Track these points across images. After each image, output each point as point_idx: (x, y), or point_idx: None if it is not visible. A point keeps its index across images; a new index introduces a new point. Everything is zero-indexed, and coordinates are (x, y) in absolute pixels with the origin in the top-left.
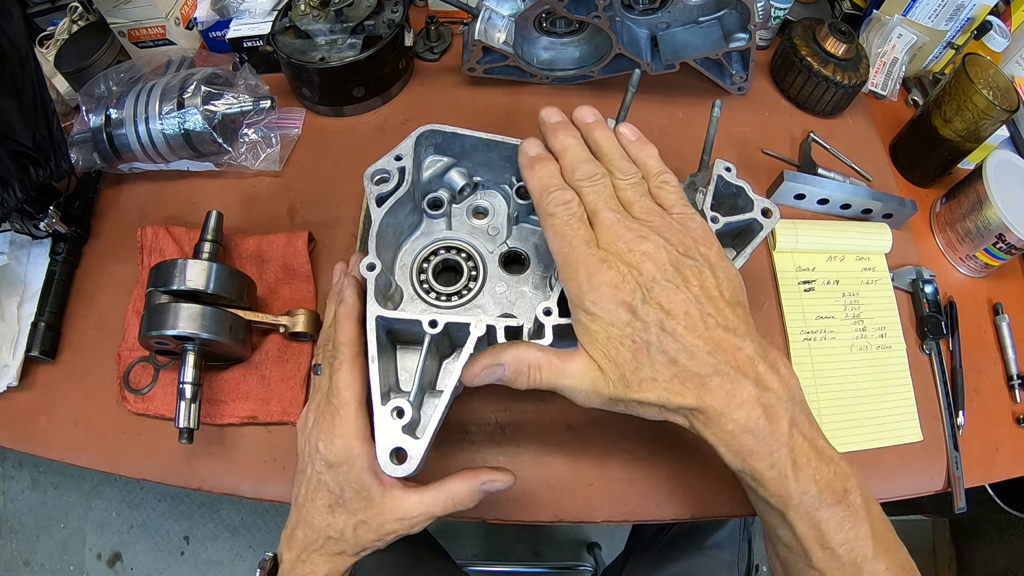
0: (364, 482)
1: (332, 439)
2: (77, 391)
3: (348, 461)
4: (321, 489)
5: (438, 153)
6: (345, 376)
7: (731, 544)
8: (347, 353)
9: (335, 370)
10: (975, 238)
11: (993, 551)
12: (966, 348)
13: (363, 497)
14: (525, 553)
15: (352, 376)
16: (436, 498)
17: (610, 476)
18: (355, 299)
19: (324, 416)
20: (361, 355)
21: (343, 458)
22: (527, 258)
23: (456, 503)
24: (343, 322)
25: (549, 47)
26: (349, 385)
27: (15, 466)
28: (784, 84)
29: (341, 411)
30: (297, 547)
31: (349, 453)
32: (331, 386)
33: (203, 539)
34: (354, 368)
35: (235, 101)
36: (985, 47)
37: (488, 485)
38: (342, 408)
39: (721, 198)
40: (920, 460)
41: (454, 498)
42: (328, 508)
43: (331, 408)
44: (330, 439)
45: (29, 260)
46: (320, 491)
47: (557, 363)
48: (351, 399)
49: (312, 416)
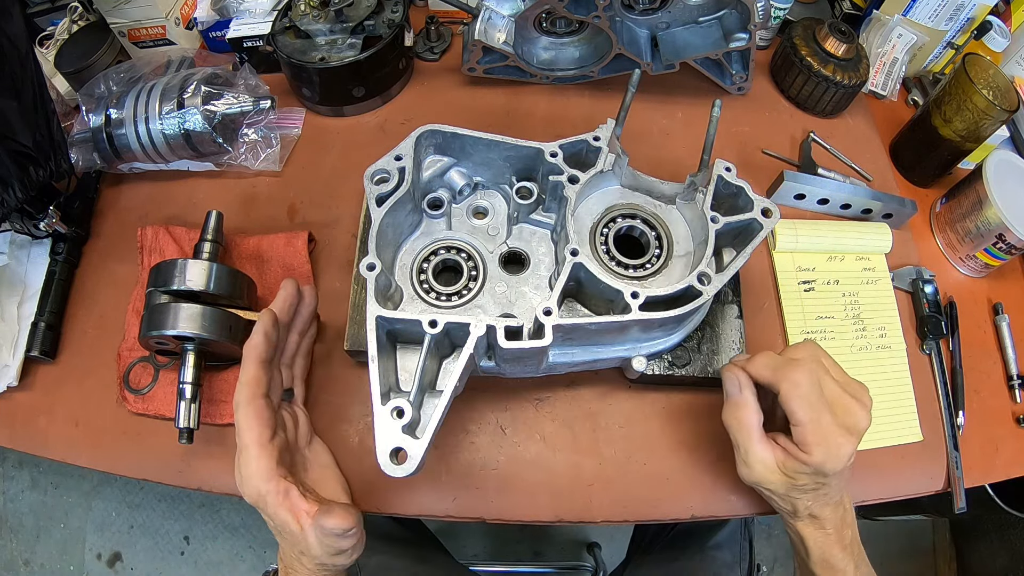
0: (280, 519)
1: (243, 481)
2: (77, 391)
3: (262, 501)
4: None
5: (438, 153)
6: (243, 420)
7: (732, 544)
8: (244, 394)
9: (235, 410)
10: (975, 238)
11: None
12: (966, 348)
13: (289, 532)
14: (525, 553)
15: (248, 419)
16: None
17: (610, 476)
18: (258, 336)
19: (237, 457)
20: (260, 396)
21: (255, 499)
22: (527, 258)
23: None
24: (245, 360)
25: (549, 47)
26: (246, 428)
27: (15, 466)
28: (784, 84)
29: (242, 455)
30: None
31: (259, 493)
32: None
33: (203, 539)
34: (249, 410)
35: (235, 101)
36: (985, 47)
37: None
38: (243, 451)
39: (721, 198)
40: (920, 460)
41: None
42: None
43: (239, 449)
44: (241, 481)
45: (29, 260)
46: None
47: (757, 441)
48: (250, 443)
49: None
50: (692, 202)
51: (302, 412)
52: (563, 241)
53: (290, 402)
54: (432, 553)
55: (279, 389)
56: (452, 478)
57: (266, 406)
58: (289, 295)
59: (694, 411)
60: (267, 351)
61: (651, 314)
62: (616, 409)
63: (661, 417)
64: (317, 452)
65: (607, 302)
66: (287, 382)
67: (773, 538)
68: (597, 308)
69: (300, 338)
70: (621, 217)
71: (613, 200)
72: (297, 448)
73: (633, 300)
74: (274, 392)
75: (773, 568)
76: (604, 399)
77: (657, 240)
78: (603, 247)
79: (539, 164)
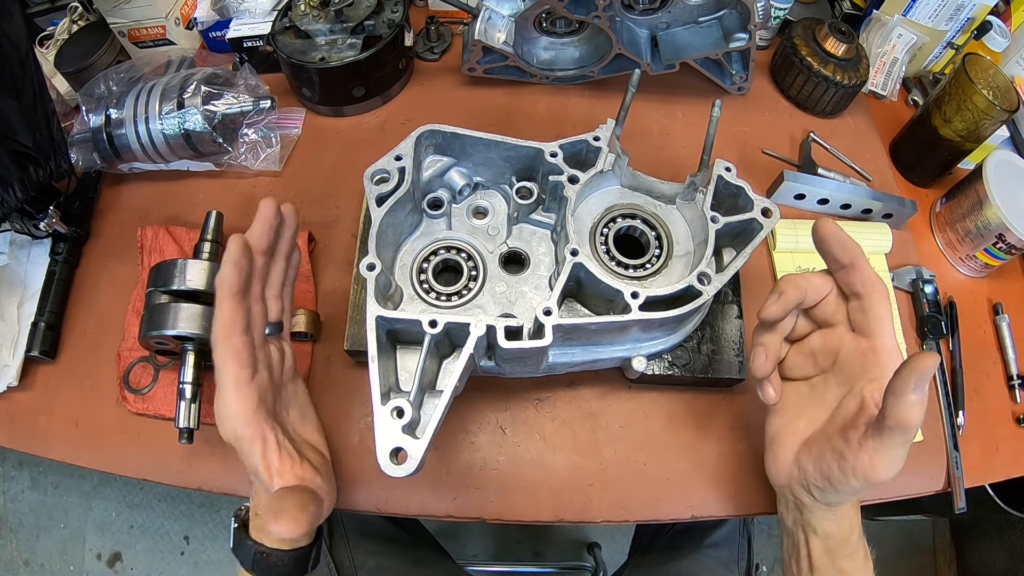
0: (251, 464)
1: (220, 421)
2: (77, 391)
3: (237, 444)
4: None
5: (438, 153)
6: (219, 359)
7: (730, 543)
8: (220, 333)
9: (212, 348)
10: (975, 238)
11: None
12: (966, 348)
13: (259, 479)
14: (525, 553)
15: (223, 359)
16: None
17: (610, 476)
18: (231, 267)
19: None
20: (237, 334)
21: (232, 440)
22: (527, 258)
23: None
24: (217, 295)
25: (549, 47)
26: (225, 368)
27: (15, 466)
28: (784, 84)
29: (220, 394)
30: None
31: (235, 435)
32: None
33: (203, 539)
34: (226, 348)
35: (235, 101)
36: (985, 47)
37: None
38: (221, 391)
39: (721, 198)
40: (920, 460)
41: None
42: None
43: (216, 388)
44: (219, 420)
45: (29, 260)
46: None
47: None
48: (226, 381)
49: None
50: (692, 202)
51: (288, 347)
52: (563, 241)
53: (278, 336)
54: (430, 555)
55: (261, 323)
56: (452, 478)
57: (244, 344)
58: (267, 218)
59: (694, 411)
60: (239, 281)
61: (651, 314)
62: (616, 409)
63: (661, 417)
64: (298, 392)
65: (607, 302)
66: (274, 315)
67: (773, 538)
68: (597, 308)
69: (286, 263)
70: (621, 217)
71: (613, 200)
72: (282, 384)
73: (633, 300)
74: (255, 326)
75: (773, 568)
76: (604, 399)
77: (657, 240)
78: (603, 247)
79: (539, 164)
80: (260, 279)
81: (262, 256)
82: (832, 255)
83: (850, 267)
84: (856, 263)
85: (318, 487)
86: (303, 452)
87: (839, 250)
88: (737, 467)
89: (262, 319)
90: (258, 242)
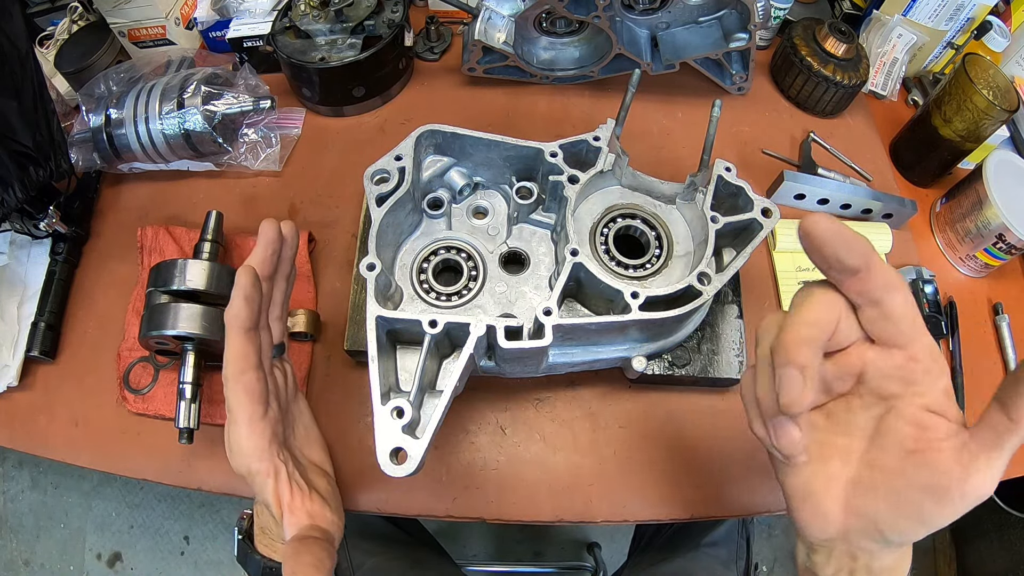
0: (265, 499)
1: (232, 455)
2: (77, 391)
3: (250, 477)
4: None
5: (438, 153)
6: (231, 397)
7: (728, 542)
8: (230, 371)
9: (224, 383)
10: (975, 238)
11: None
12: (966, 348)
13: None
14: (525, 553)
15: (236, 395)
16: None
17: (610, 476)
18: (238, 302)
19: (227, 427)
20: (249, 370)
21: (244, 474)
22: (527, 258)
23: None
24: (228, 331)
25: (549, 47)
26: (239, 404)
27: (15, 466)
28: (784, 84)
29: (232, 431)
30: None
31: (248, 470)
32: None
33: (203, 539)
34: (237, 386)
35: (235, 101)
36: (985, 47)
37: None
38: (233, 427)
39: (721, 198)
40: None
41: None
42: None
43: (229, 421)
44: (231, 454)
45: (29, 260)
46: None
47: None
48: (239, 419)
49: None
50: (692, 202)
51: (289, 365)
52: (563, 241)
53: (281, 358)
54: (429, 555)
55: (269, 350)
56: (452, 478)
57: (257, 380)
58: (270, 241)
59: (694, 411)
60: (251, 318)
61: (651, 314)
62: (616, 409)
63: (661, 417)
64: (301, 410)
65: (607, 302)
66: (277, 336)
67: (773, 538)
68: (597, 308)
69: (286, 283)
70: (621, 217)
71: (613, 200)
72: (287, 408)
73: (633, 300)
74: (264, 357)
75: (773, 568)
76: (604, 399)
77: (657, 240)
78: (603, 247)
79: (539, 164)
80: (266, 307)
81: (267, 282)
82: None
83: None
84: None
85: (328, 523)
86: (311, 480)
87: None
88: (736, 467)
89: (269, 347)
90: (262, 268)
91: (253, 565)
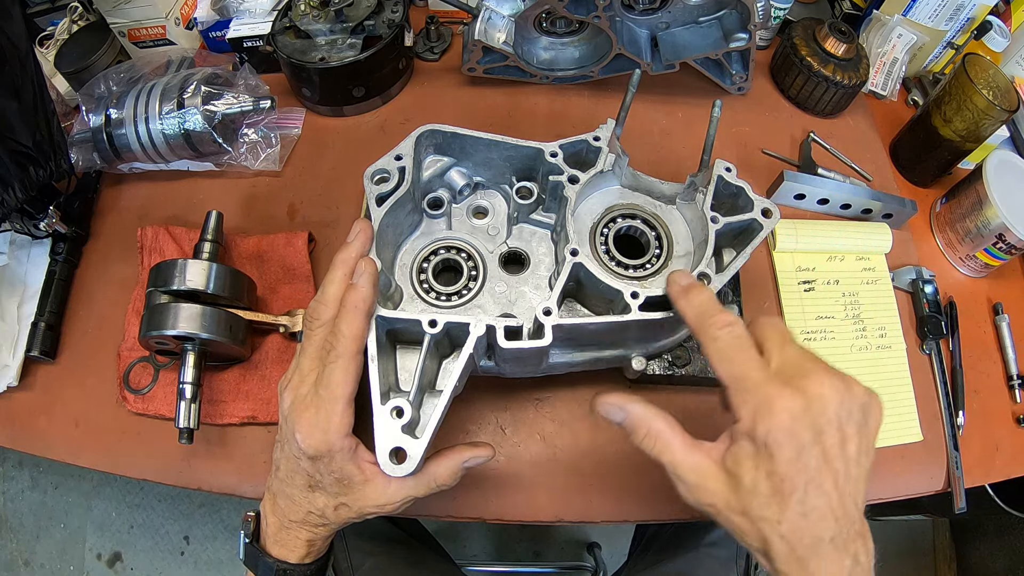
0: (345, 472)
1: (312, 432)
2: (77, 391)
3: (328, 455)
4: (300, 471)
5: (438, 153)
6: (340, 373)
7: (729, 542)
8: (349, 348)
9: (331, 361)
10: (975, 238)
11: (993, 551)
12: (966, 348)
13: (344, 484)
14: (525, 553)
15: (347, 374)
16: (419, 480)
17: (610, 476)
18: (369, 288)
19: (307, 407)
20: (362, 352)
21: (322, 452)
22: (527, 258)
23: (439, 483)
24: (351, 312)
25: (549, 47)
26: (342, 383)
27: (15, 466)
28: (784, 84)
29: (327, 406)
30: (279, 514)
31: (330, 448)
32: (323, 378)
33: (203, 539)
34: (351, 365)
35: (235, 101)
36: (985, 47)
37: (470, 462)
38: (329, 403)
39: (721, 198)
40: (920, 460)
41: (436, 479)
42: (308, 488)
43: (317, 400)
44: (310, 432)
45: (29, 260)
46: (299, 473)
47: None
48: (341, 397)
49: (290, 396)
50: (692, 202)
51: None
52: (563, 241)
53: None
54: (428, 555)
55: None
56: None
57: (361, 363)
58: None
59: (694, 411)
60: (372, 304)
61: (651, 314)
62: None
63: None
64: None
65: (607, 302)
66: None
67: None
68: (597, 308)
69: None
70: (621, 217)
71: (613, 200)
72: None
73: (633, 300)
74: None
75: None
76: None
77: (657, 240)
78: (603, 247)
79: (539, 164)
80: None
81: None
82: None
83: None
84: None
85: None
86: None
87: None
88: None
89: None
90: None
91: (264, 567)
